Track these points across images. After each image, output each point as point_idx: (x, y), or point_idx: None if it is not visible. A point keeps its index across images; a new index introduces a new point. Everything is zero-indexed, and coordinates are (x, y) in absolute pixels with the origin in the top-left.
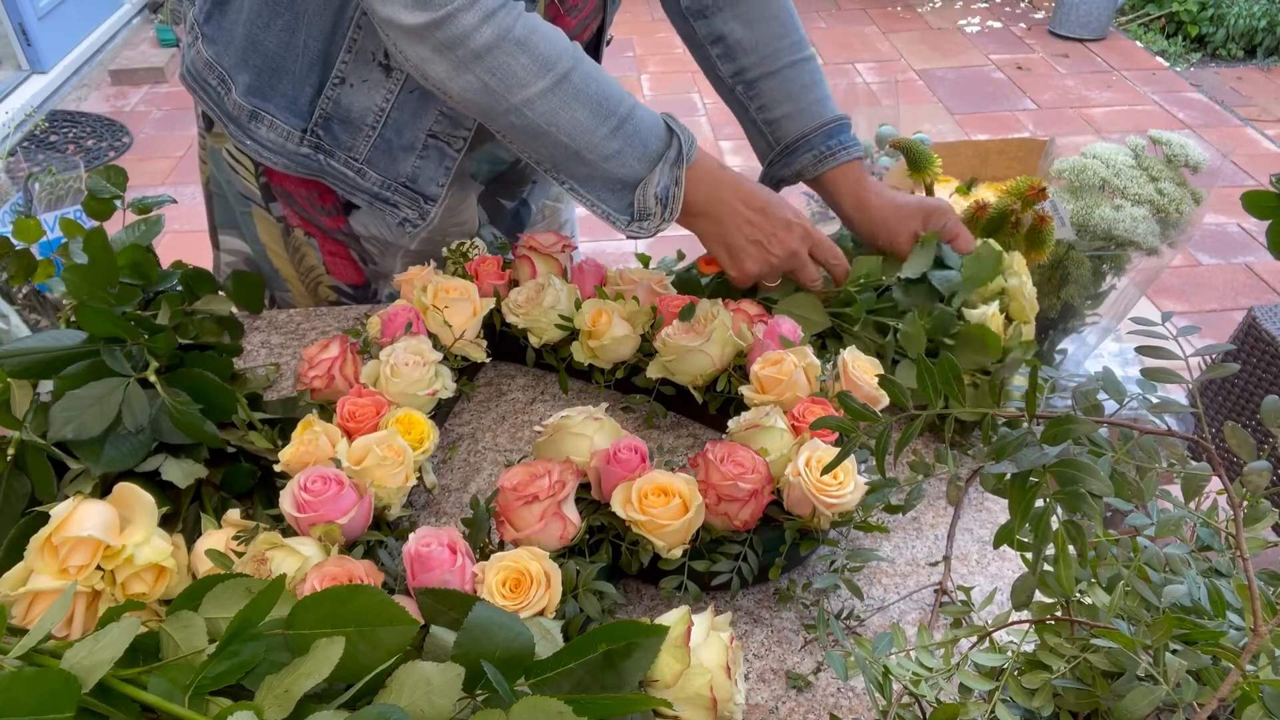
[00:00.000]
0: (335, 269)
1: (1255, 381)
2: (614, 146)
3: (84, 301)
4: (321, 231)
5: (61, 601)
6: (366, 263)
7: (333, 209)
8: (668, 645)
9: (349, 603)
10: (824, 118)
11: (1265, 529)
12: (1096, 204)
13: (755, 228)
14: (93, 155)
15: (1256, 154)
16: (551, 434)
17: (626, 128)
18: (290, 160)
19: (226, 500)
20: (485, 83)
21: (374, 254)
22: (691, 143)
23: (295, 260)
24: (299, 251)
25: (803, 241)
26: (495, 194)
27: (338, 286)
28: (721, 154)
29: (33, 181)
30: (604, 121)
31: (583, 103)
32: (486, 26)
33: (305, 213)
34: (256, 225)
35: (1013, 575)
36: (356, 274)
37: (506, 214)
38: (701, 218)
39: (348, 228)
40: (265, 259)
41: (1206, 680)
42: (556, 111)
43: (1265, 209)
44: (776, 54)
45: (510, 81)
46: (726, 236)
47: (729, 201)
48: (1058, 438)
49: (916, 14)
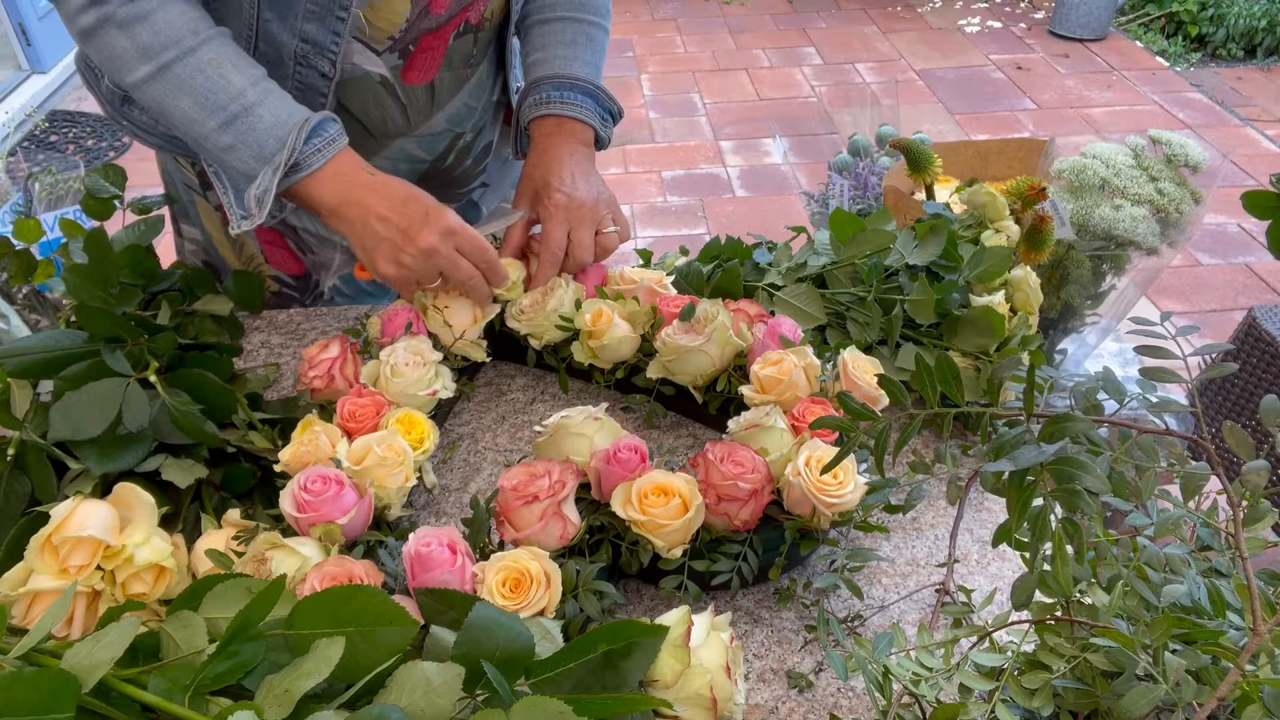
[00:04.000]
0: (274, 258)
1: (1255, 381)
2: (226, 141)
3: (84, 301)
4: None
5: (61, 601)
6: (305, 253)
7: None
8: (668, 645)
9: (349, 603)
10: (568, 71)
11: (1265, 529)
12: (1096, 204)
13: (389, 225)
14: (93, 155)
15: (1256, 154)
16: (551, 434)
17: (239, 124)
18: (162, 140)
19: (226, 500)
20: (100, 60)
21: (311, 244)
22: (317, 151)
23: (237, 249)
24: (238, 241)
25: (444, 238)
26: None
27: (278, 277)
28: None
29: (33, 181)
30: (212, 115)
31: (187, 94)
32: (91, 8)
33: None
34: (201, 214)
35: (1013, 575)
36: (296, 264)
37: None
38: (333, 218)
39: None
40: (213, 247)
41: (1206, 680)
42: (162, 99)
43: (1265, 209)
44: (556, 6)
45: (117, 64)
46: (360, 236)
47: (362, 202)
48: (1055, 436)
49: (916, 14)
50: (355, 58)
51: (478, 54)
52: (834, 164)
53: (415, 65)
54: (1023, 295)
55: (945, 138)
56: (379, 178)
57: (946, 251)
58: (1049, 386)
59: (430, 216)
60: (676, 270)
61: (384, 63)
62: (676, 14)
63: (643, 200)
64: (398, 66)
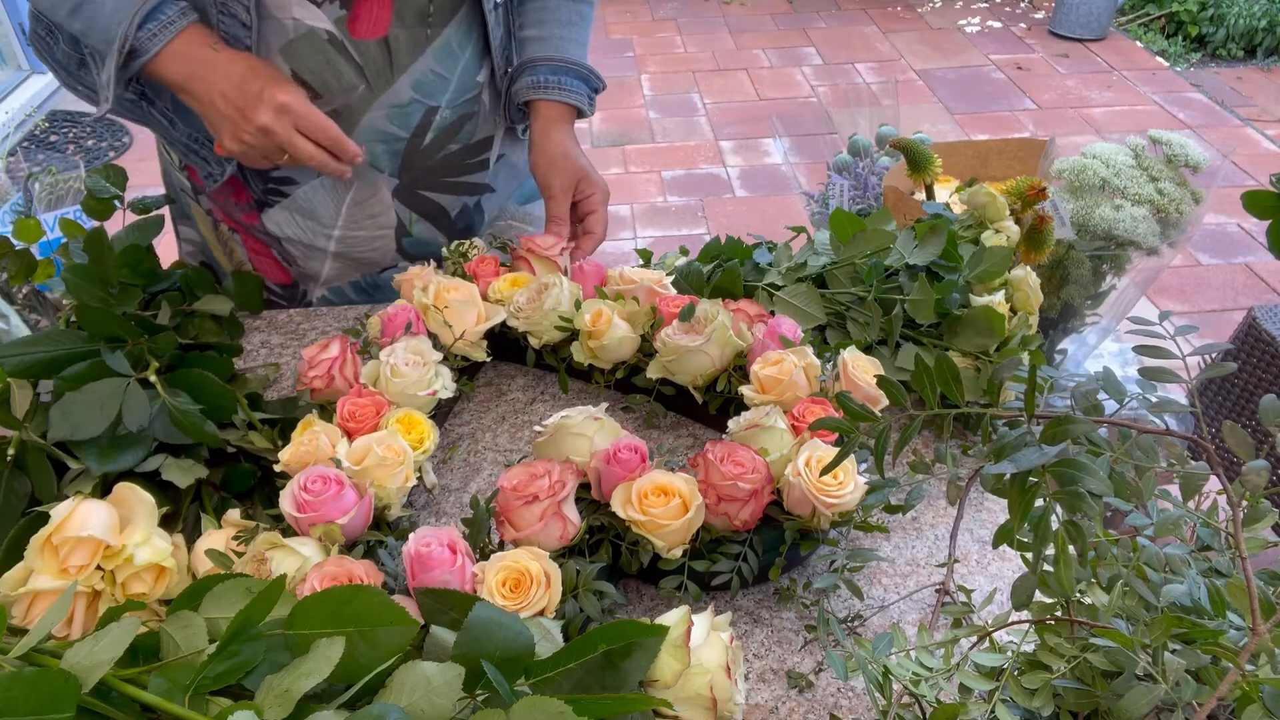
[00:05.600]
0: (261, 267)
1: (1255, 382)
2: (77, 27)
3: (84, 301)
4: (244, 229)
5: (61, 601)
6: (290, 264)
7: (247, 205)
8: (668, 645)
9: (349, 603)
10: (563, 54)
11: (1265, 529)
12: (1096, 204)
13: (229, 102)
14: (93, 155)
15: (1256, 154)
16: (551, 434)
17: (84, 11)
18: (121, 106)
19: (226, 500)
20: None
21: (296, 256)
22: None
23: (227, 254)
24: (227, 246)
25: (277, 116)
26: (414, 186)
27: (268, 285)
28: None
29: (33, 181)
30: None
31: None
32: None
33: (224, 207)
34: (195, 217)
35: (1013, 575)
36: (282, 274)
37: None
38: (183, 94)
39: (262, 226)
40: (207, 249)
41: (1205, 680)
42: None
43: (1265, 209)
44: None
45: None
46: (206, 113)
47: (207, 79)
48: (1056, 437)
49: (916, 14)
50: (294, 10)
51: (436, 12)
52: (834, 164)
53: (361, 16)
54: (1023, 295)
55: (945, 138)
56: (222, 54)
57: (946, 251)
58: (1049, 387)
59: (265, 95)
60: (676, 270)
61: (325, 15)
62: (676, 14)
63: (643, 200)
64: (341, 18)
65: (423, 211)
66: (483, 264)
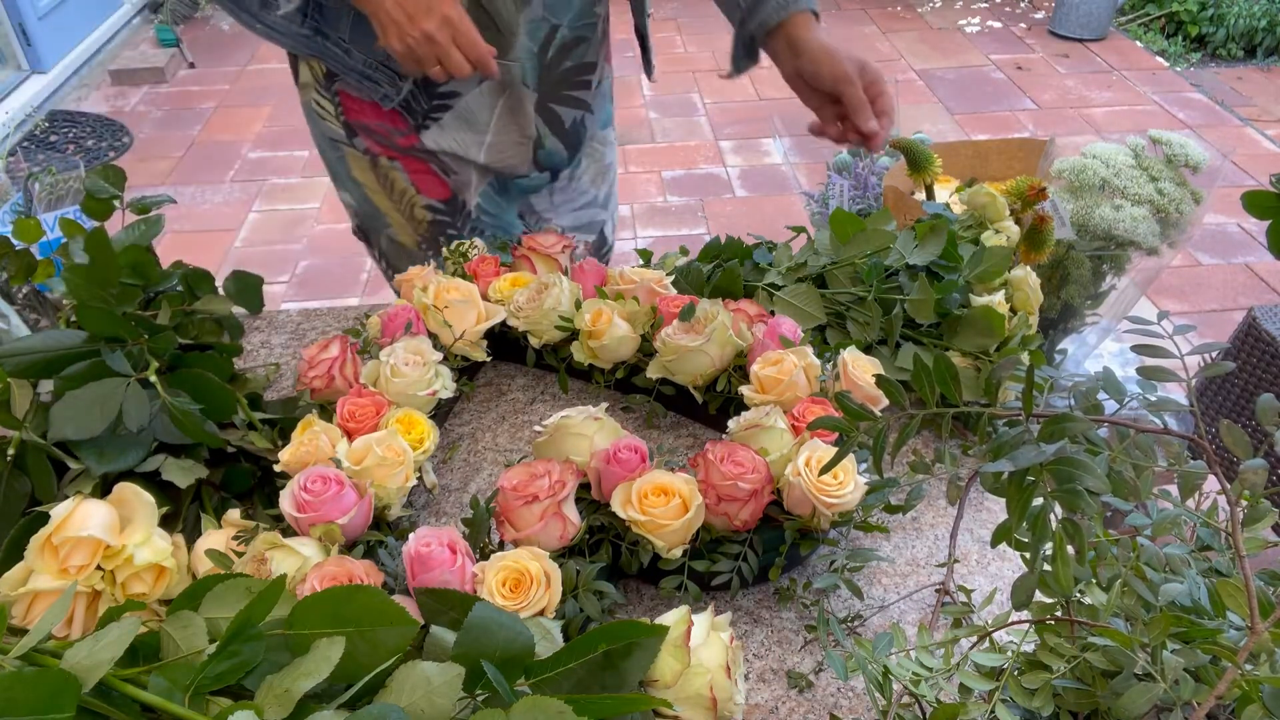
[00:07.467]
0: (423, 186)
1: (1255, 381)
2: None
3: (84, 301)
4: (402, 154)
5: (61, 601)
6: (449, 174)
7: (406, 129)
8: (668, 645)
9: (349, 603)
10: None
11: (1265, 529)
12: (1096, 204)
13: (401, 8)
14: (93, 155)
15: (1256, 154)
16: (551, 434)
17: None
18: (296, 41)
19: (226, 500)
20: None
21: (451, 166)
22: None
23: (387, 189)
24: (388, 178)
25: (441, 27)
26: (549, 100)
27: (430, 205)
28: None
29: (33, 181)
30: None
31: None
32: None
33: (383, 139)
34: (351, 165)
35: (1013, 575)
36: (443, 188)
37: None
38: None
39: (420, 144)
40: (366, 200)
41: (1204, 679)
42: None
43: (1265, 209)
44: None
45: None
46: (377, 13)
47: None
48: (1054, 436)
49: (916, 14)
50: None
51: None
52: (834, 164)
53: None
54: (1023, 295)
55: (945, 138)
56: None
57: (946, 251)
58: (1049, 386)
59: (434, 6)
60: (676, 270)
61: None
62: (676, 14)
63: (643, 200)
64: None
65: (551, 124)
66: (483, 264)
